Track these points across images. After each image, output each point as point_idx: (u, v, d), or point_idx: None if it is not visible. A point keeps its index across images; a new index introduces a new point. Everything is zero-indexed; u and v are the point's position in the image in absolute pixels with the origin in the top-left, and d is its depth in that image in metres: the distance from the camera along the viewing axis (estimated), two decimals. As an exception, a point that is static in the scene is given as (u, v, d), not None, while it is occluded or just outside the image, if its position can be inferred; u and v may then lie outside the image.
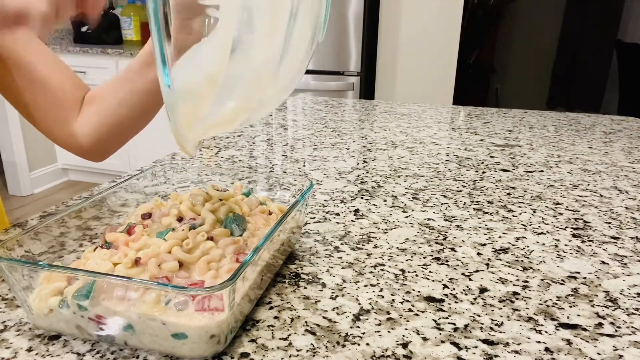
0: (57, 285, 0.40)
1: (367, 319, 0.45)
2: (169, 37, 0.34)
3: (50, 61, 0.65)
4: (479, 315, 0.46)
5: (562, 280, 0.52)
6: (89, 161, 0.71)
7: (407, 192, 0.77)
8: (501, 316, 0.46)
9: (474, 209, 0.71)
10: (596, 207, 0.72)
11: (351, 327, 0.43)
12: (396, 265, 0.54)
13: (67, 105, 0.65)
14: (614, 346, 0.42)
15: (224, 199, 0.51)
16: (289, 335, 0.42)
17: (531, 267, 0.55)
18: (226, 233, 0.46)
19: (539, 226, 0.65)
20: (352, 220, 0.66)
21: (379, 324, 0.44)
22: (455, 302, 0.48)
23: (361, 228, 0.64)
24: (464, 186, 0.80)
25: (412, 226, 0.64)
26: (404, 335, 0.42)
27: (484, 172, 0.87)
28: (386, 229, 0.63)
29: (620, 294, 0.50)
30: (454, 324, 0.44)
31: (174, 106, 0.36)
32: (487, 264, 0.55)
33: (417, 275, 0.52)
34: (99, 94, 0.67)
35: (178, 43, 0.39)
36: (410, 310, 0.46)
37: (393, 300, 0.48)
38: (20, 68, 0.62)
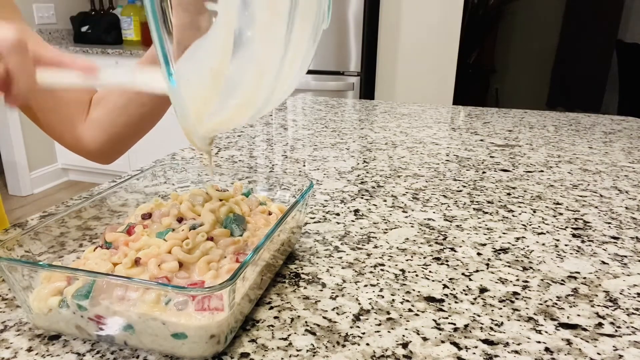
0: (56, 285, 0.40)
1: (367, 319, 0.45)
2: (170, 33, 0.34)
3: None
4: (479, 315, 0.46)
5: (562, 280, 0.52)
6: (89, 161, 0.71)
7: (407, 192, 0.77)
8: (501, 316, 0.46)
9: (474, 209, 0.71)
10: (596, 207, 0.72)
11: (351, 327, 0.43)
12: (396, 265, 0.54)
13: (75, 107, 0.65)
14: (614, 346, 0.42)
15: (224, 199, 0.51)
16: (289, 335, 0.42)
17: (531, 267, 0.55)
18: (226, 233, 0.46)
19: (539, 226, 0.65)
20: (352, 220, 0.66)
21: (379, 324, 0.44)
22: (455, 302, 0.48)
23: (361, 228, 0.64)
24: (464, 186, 0.80)
25: (412, 226, 0.64)
26: (404, 335, 0.42)
27: (484, 172, 0.87)
28: (386, 229, 0.63)
29: (620, 294, 0.50)
30: (454, 324, 0.44)
31: (181, 104, 0.36)
32: (487, 264, 0.55)
33: (417, 275, 0.52)
34: (106, 95, 0.66)
35: (187, 41, 0.38)
36: (410, 310, 0.46)
37: (393, 300, 0.48)
38: None
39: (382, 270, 0.53)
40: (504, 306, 0.47)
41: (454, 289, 0.50)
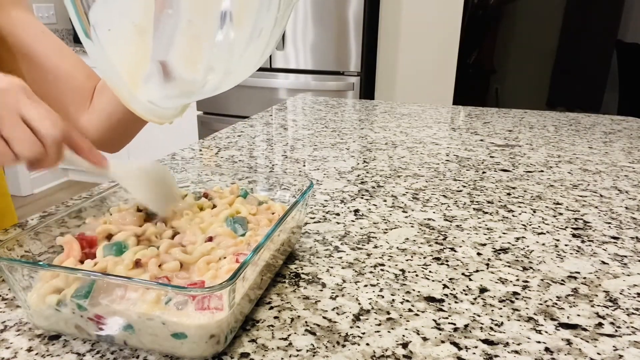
0: (56, 285, 0.40)
1: (367, 319, 0.45)
2: None
3: (62, 51, 0.64)
4: (479, 315, 0.46)
5: (562, 280, 0.52)
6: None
7: (407, 192, 0.77)
8: (501, 316, 0.46)
9: (474, 209, 0.71)
10: (596, 207, 0.72)
11: (351, 327, 0.43)
12: (396, 265, 0.54)
13: (80, 95, 0.65)
14: (614, 346, 0.42)
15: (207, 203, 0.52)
16: (289, 335, 0.42)
17: (531, 267, 0.55)
18: (228, 233, 0.46)
19: (539, 226, 0.65)
20: (352, 220, 0.66)
21: (379, 324, 0.44)
22: (455, 302, 0.48)
23: (361, 228, 0.64)
24: (464, 186, 0.80)
25: (412, 226, 0.64)
26: (404, 335, 0.42)
27: (484, 172, 0.87)
28: (386, 229, 0.63)
29: (620, 294, 0.50)
30: (454, 324, 0.44)
31: (105, 62, 0.33)
32: (487, 264, 0.55)
33: (417, 275, 0.52)
34: None
35: None
36: (410, 310, 0.46)
37: (393, 300, 0.48)
38: (31, 58, 0.61)
39: (382, 270, 0.53)
40: (504, 306, 0.47)
41: (454, 289, 0.50)
